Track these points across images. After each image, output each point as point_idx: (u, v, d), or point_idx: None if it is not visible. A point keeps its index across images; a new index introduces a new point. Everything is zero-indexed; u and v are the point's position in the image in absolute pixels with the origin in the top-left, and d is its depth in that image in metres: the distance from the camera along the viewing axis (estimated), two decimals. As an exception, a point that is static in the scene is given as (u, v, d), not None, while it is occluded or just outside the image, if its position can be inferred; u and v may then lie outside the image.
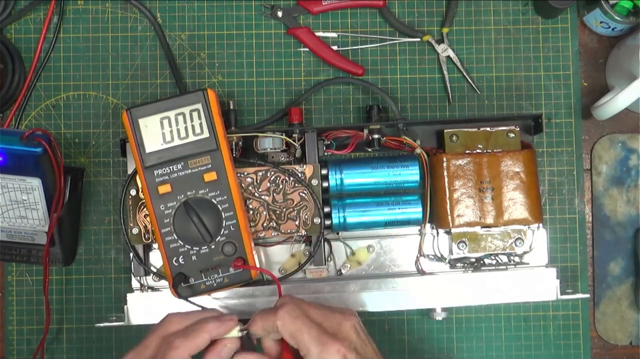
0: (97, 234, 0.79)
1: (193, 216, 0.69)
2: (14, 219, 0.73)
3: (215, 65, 0.80)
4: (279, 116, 0.79)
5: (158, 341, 0.60)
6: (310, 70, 0.80)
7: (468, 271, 0.74)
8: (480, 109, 0.80)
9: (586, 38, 0.82)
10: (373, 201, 0.74)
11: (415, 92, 0.80)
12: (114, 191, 0.79)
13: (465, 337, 0.79)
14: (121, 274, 0.79)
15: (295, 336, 0.60)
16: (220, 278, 0.70)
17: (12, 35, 0.80)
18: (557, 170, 0.80)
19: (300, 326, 0.60)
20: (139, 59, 0.80)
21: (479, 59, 0.81)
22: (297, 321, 0.60)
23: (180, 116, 0.69)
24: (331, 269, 0.75)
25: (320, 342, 0.59)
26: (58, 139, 0.79)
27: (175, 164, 0.69)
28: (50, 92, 0.80)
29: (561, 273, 0.79)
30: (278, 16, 0.80)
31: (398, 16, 0.81)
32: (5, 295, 0.79)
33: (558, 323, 0.80)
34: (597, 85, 0.81)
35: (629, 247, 0.80)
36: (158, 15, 0.80)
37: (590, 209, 0.81)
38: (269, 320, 0.61)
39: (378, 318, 0.78)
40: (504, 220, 0.73)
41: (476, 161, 0.73)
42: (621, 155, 0.81)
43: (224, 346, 0.60)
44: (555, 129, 0.80)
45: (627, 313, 0.80)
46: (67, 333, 0.79)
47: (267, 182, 0.73)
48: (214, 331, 0.60)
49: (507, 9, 0.81)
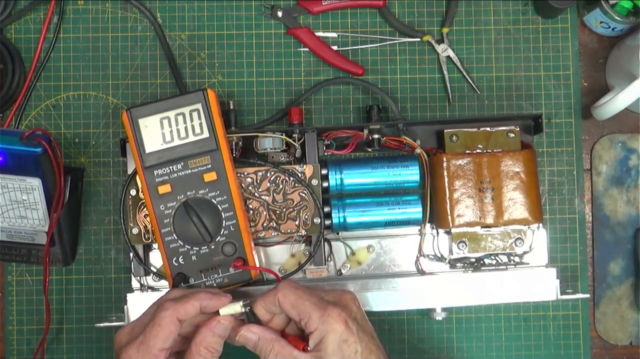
0: (97, 234, 0.79)
1: (193, 216, 0.69)
2: (14, 219, 0.73)
3: (215, 65, 0.80)
4: (279, 116, 0.79)
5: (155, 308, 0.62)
6: (310, 70, 0.80)
7: (468, 271, 0.74)
8: (480, 109, 0.80)
9: (586, 38, 0.82)
10: (373, 201, 0.74)
11: (415, 92, 0.80)
12: (114, 191, 0.79)
13: (465, 337, 0.79)
14: (121, 274, 0.79)
15: (296, 305, 0.61)
16: (220, 278, 0.70)
17: (12, 35, 0.80)
18: (557, 170, 0.80)
19: (302, 294, 0.62)
20: (139, 59, 0.80)
21: (479, 59, 0.81)
22: (297, 291, 0.62)
23: (180, 116, 0.69)
24: (331, 269, 0.75)
25: (321, 307, 0.61)
26: (58, 139, 0.79)
27: (175, 164, 0.69)
28: (50, 92, 0.80)
29: (561, 272, 0.79)
30: (278, 16, 0.80)
31: (398, 16, 0.81)
32: (5, 295, 0.79)
33: (558, 323, 0.80)
34: (597, 86, 0.81)
35: (629, 247, 0.80)
36: (158, 15, 0.80)
37: (590, 209, 0.81)
38: (270, 297, 0.62)
39: (378, 318, 0.78)
40: (504, 220, 0.73)
41: (476, 161, 0.73)
42: (621, 155, 0.81)
43: (217, 322, 0.61)
44: (555, 129, 0.80)
45: (627, 313, 0.80)
46: (67, 333, 0.79)
47: (267, 182, 0.73)
48: (205, 300, 0.61)
49: (507, 9, 0.81)
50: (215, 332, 0.61)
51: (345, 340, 0.60)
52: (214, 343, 0.61)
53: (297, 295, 0.61)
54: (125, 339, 0.62)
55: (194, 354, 0.61)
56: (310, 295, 0.62)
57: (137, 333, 0.61)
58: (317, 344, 0.60)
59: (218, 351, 0.62)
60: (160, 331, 0.60)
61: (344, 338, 0.60)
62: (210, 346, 0.61)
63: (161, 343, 0.60)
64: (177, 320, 0.60)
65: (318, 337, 0.60)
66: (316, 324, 0.60)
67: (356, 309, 0.63)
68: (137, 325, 0.62)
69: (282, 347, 0.61)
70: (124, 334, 0.62)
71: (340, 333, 0.60)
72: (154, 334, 0.60)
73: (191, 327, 0.63)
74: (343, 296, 0.63)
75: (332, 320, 0.60)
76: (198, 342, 0.61)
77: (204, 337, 0.61)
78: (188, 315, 0.61)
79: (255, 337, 0.62)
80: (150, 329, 0.60)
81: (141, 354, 0.60)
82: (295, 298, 0.61)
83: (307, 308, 0.61)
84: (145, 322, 0.61)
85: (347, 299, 0.63)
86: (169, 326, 0.60)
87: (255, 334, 0.62)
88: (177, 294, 0.63)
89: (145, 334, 0.60)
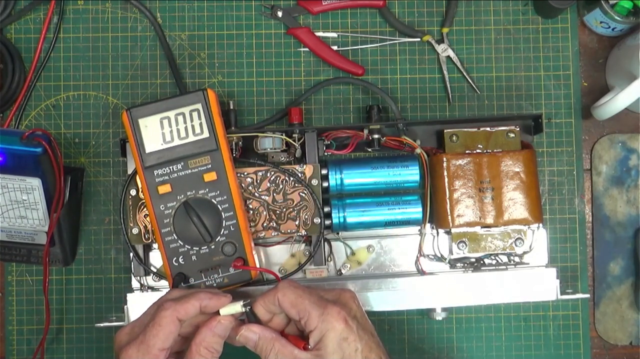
0: (97, 234, 0.79)
1: (193, 216, 0.69)
2: (14, 219, 0.73)
3: (215, 65, 0.80)
4: (279, 116, 0.79)
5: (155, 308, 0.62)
6: (310, 70, 0.80)
7: (468, 271, 0.74)
8: (480, 109, 0.80)
9: (586, 38, 0.82)
10: (373, 201, 0.74)
11: (415, 92, 0.80)
12: (114, 191, 0.79)
13: (465, 337, 0.79)
14: (121, 274, 0.79)
15: (296, 304, 0.61)
16: (220, 278, 0.70)
17: (12, 35, 0.80)
18: (557, 170, 0.80)
19: (301, 293, 0.62)
20: (139, 59, 0.80)
21: (479, 59, 0.81)
22: (297, 290, 0.62)
23: (180, 116, 0.69)
24: (331, 269, 0.75)
25: (321, 305, 0.61)
26: (58, 139, 0.79)
27: (175, 164, 0.69)
28: (50, 92, 0.80)
29: (561, 272, 0.79)
30: (278, 16, 0.80)
31: (398, 16, 0.81)
32: (5, 295, 0.79)
33: (558, 323, 0.80)
34: (597, 86, 0.81)
35: (629, 247, 0.80)
36: (158, 15, 0.80)
37: (590, 209, 0.81)
38: (270, 296, 0.62)
39: (378, 318, 0.78)
40: (504, 220, 0.73)
41: (476, 161, 0.73)
42: (621, 155, 0.81)
43: (217, 322, 0.61)
44: (555, 129, 0.80)
45: (627, 313, 0.80)
46: (67, 333, 0.79)
47: (267, 182, 0.73)
48: (205, 300, 0.61)
49: (507, 9, 0.81)
50: (216, 332, 0.61)
51: (345, 338, 0.60)
52: (214, 343, 0.61)
53: (297, 294, 0.61)
54: (125, 339, 0.62)
55: (194, 354, 0.61)
56: (309, 294, 0.62)
57: (137, 333, 0.61)
58: (317, 343, 0.60)
59: (218, 351, 0.62)
60: (160, 330, 0.60)
61: (344, 336, 0.60)
62: (211, 346, 0.61)
63: (161, 343, 0.60)
64: (177, 320, 0.60)
65: (318, 335, 0.60)
66: (316, 323, 0.60)
67: (356, 308, 0.63)
68: (137, 325, 0.62)
69: (283, 346, 0.61)
70: (124, 334, 0.63)
71: (340, 331, 0.60)
72: (154, 334, 0.60)
73: (191, 327, 0.63)
74: (342, 295, 0.63)
75: (332, 318, 0.60)
76: (198, 342, 0.61)
77: (204, 337, 0.61)
78: (188, 315, 0.61)
79: (255, 336, 0.62)
80: (150, 329, 0.60)
81: (141, 354, 0.60)
82: (294, 297, 0.61)
83: (306, 307, 0.61)
84: (145, 322, 0.61)
85: (346, 297, 0.63)
86: (169, 325, 0.60)
87: (256, 333, 0.62)
88: (177, 294, 0.63)
89: (145, 334, 0.60)
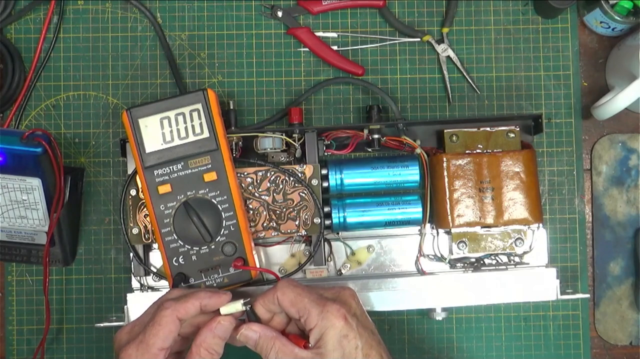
0: (97, 234, 0.79)
1: (193, 216, 0.69)
2: (14, 219, 0.73)
3: (215, 65, 0.80)
4: (279, 116, 0.79)
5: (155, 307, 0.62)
6: (310, 70, 0.80)
7: (468, 271, 0.74)
8: (480, 109, 0.80)
9: (586, 38, 0.82)
10: (373, 201, 0.74)
11: (415, 92, 0.80)
12: (114, 191, 0.79)
13: (465, 337, 0.79)
14: (121, 274, 0.79)
15: (295, 303, 0.61)
16: (220, 278, 0.70)
17: (12, 35, 0.80)
18: (557, 170, 0.80)
19: (300, 291, 0.62)
20: (139, 59, 0.80)
21: (479, 59, 0.81)
22: (296, 289, 0.62)
23: (180, 116, 0.69)
24: (331, 269, 0.75)
25: (320, 303, 0.61)
26: (58, 139, 0.79)
27: (175, 164, 0.69)
28: (50, 92, 0.80)
29: (561, 272, 0.79)
30: (278, 16, 0.80)
31: (398, 16, 0.81)
32: (5, 295, 0.79)
33: (558, 323, 0.80)
34: (597, 86, 0.81)
35: (629, 247, 0.80)
36: (158, 15, 0.80)
37: (590, 209, 0.81)
38: (270, 295, 0.62)
39: (378, 318, 0.78)
40: (504, 220, 0.73)
41: (476, 161, 0.73)
42: (621, 155, 0.81)
43: (217, 323, 0.61)
44: (555, 129, 0.80)
45: (627, 313, 0.80)
46: (67, 333, 0.79)
47: (267, 182, 0.73)
48: (205, 299, 0.61)
49: (507, 9, 0.81)
50: (216, 333, 0.61)
51: (345, 336, 0.60)
52: (214, 344, 0.61)
53: (296, 293, 0.61)
54: (125, 339, 0.62)
55: (194, 355, 0.61)
56: (309, 292, 0.62)
57: (137, 332, 0.61)
58: (317, 341, 0.60)
59: (218, 353, 0.62)
60: (160, 330, 0.60)
61: (344, 333, 0.60)
62: (211, 348, 0.61)
63: (161, 342, 0.60)
64: (177, 319, 0.60)
65: (318, 333, 0.60)
66: (315, 321, 0.60)
67: (355, 305, 0.63)
68: (137, 324, 0.62)
69: (283, 344, 0.61)
70: (123, 333, 0.63)
71: (340, 329, 0.60)
72: (154, 334, 0.60)
73: (191, 327, 0.63)
74: (342, 292, 0.63)
75: (331, 316, 0.60)
76: (198, 343, 0.61)
77: (205, 338, 0.61)
78: (188, 314, 0.61)
79: (256, 335, 0.62)
80: (150, 329, 0.60)
81: (140, 354, 0.60)
82: (294, 296, 0.61)
83: (306, 305, 0.61)
84: (145, 321, 0.61)
85: (346, 295, 0.63)
86: (169, 325, 0.60)
87: (256, 332, 0.62)
88: (177, 294, 0.63)
89: (145, 333, 0.60)
